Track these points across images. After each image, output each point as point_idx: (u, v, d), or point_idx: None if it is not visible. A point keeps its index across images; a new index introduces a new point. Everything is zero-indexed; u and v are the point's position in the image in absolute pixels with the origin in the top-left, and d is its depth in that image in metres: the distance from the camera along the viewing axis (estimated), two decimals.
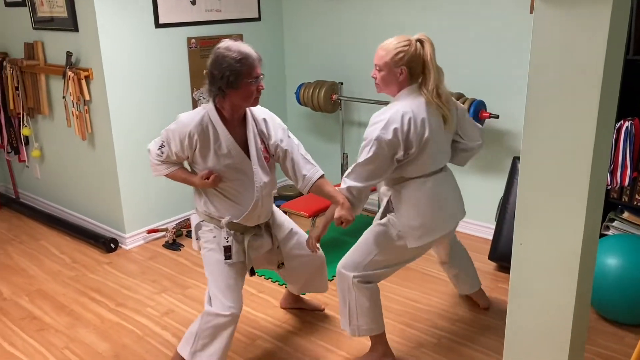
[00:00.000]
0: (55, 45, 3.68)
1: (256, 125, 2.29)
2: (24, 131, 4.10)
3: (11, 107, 4.07)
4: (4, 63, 4.01)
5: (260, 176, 2.26)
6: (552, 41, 1.38)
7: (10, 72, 3.96)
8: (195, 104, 3.88)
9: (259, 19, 4.17)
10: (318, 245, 2.52)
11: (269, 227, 2.44)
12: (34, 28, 3.78)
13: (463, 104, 3.31)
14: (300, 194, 4.25)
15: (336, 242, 3.71)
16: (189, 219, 3.82)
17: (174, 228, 3.73)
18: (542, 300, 1.58)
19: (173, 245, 3.66)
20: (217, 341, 2.25)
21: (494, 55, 3.38)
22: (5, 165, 4.53)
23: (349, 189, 2.23)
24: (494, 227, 3.34)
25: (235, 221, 2.28)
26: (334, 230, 3.89)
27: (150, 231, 3.74)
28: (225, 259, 2.27)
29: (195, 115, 2.21)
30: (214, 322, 2.23)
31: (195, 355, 2.27)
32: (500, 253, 3.21)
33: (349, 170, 2.26)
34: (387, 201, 2.38)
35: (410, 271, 3.26)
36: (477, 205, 3.68)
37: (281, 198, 4.34)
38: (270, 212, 2.44)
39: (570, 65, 1.37)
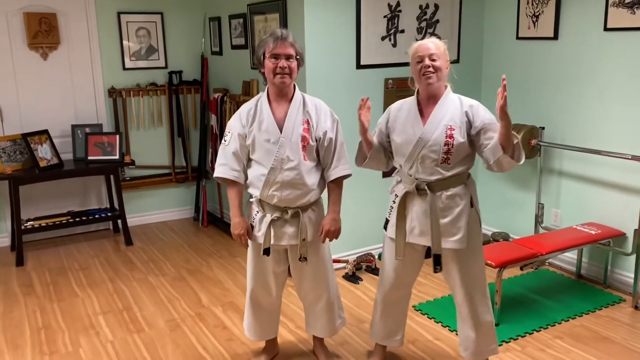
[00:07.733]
0: None
1: (303, 107, 2.40)
2: None
3: None
4: (225, 98, 4.56)
5: (285, 149, 2.34)
6: None
7: (229, 105, 4.50)
8: None
9: (457, 61, 4.14)
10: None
11: (298, 215, 2.45)
12: (251, 68, 4.25)
13: None
14: (489, 241, 4.03)
15: (523, 299, 3.42)
16: (369, 254, 3.86)
17: (354, 261, 3.80)
18: None
19: (352, 277, 3.73)
20: None
21: None
22: (215, 187, 5.11)
23: None
24: None
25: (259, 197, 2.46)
26: (519, 285, 3.61)
27: (333, 261, 3.86)
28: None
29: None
30: None
31: None
32: None
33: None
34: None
35: (613, 344, 2.85)
36: None
37: None
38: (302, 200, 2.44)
39: None
